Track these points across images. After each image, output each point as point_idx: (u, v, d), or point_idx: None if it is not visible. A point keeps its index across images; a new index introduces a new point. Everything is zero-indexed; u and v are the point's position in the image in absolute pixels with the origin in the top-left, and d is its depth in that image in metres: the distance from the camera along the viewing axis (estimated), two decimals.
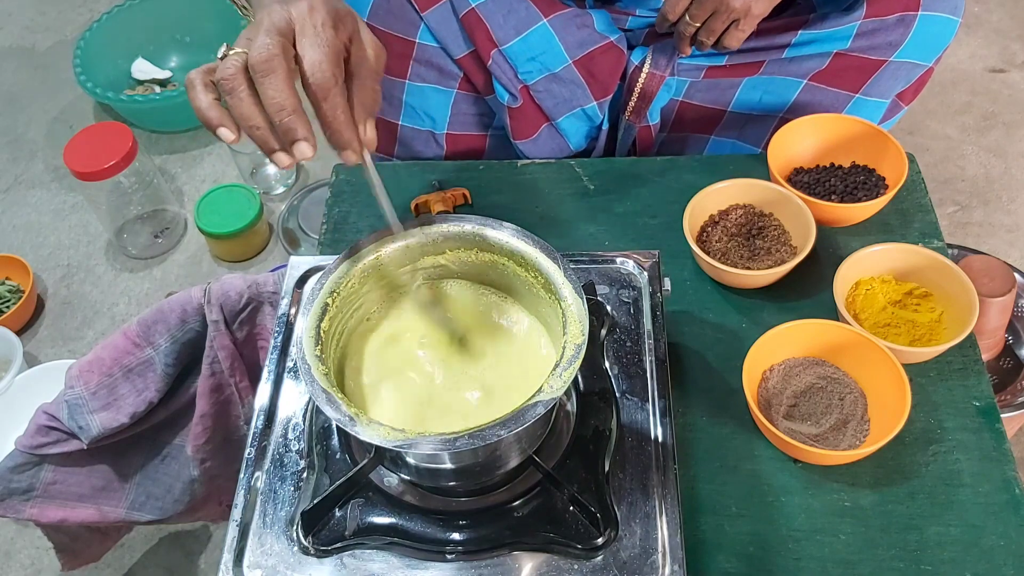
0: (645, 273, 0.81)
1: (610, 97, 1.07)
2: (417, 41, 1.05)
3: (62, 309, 1.65)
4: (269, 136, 0.58)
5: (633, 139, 1.10)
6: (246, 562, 0.66)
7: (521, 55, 1.02)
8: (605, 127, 1.10)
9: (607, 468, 0.69)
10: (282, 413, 0.74)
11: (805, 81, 1.02)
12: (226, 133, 0.59)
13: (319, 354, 0.62)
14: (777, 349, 0.82)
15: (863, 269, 0.87)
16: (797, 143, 0.98)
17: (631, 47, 1.06)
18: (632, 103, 1.06)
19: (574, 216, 1.00)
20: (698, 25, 0.94)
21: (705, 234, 0.93)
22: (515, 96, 1.04)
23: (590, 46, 1.03)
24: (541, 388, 0.58)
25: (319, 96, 0.58)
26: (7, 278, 1.64)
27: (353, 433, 0.57)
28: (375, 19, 1.04)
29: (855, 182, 0.95)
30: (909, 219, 0.96)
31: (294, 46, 0.58)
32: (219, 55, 0.58)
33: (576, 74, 1.04)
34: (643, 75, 1.03)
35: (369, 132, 0.64)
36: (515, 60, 1.02)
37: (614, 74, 1.05)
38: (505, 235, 0.67)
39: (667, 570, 0.64)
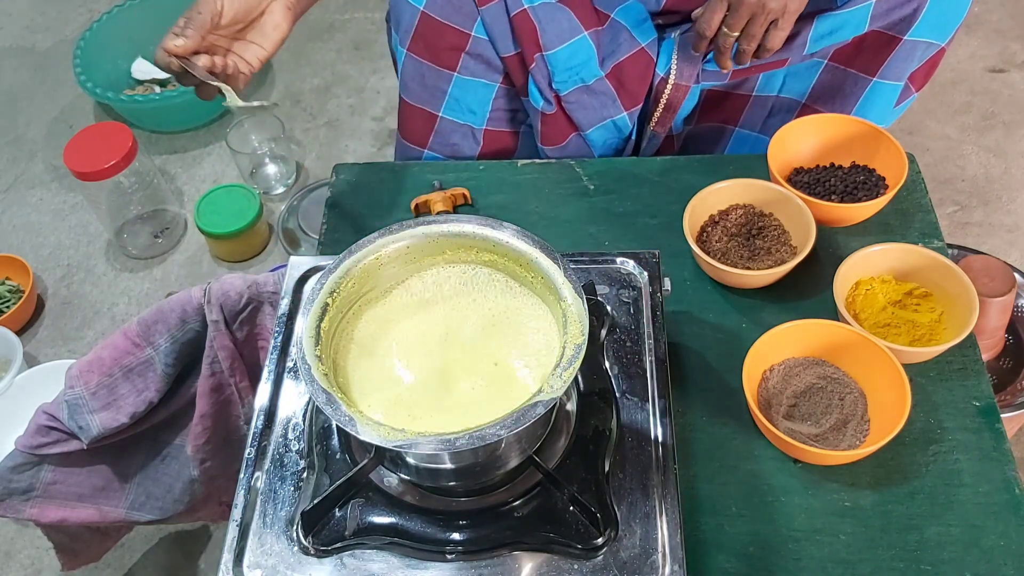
0: (645, 273, 0.81)
1: (639, 108, 1.07)
2: (472, 34, 1.05)
3: (62, 309, 1.65)
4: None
5: (657, 148, 1.11)
6: (246, 562, 0.66)
7: (562, 63, 1.03)
8: (633, 138, 1.10)
9: (607, 468, 0.69)
10: (282, 413, 0.74)
11: (826, 62, 1.03)
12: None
13: (319, 354, 0.62)
14: (777, 349, 0.82)
15: (863, 269, 0.87)
16: (797, 143, 0.98)
17: (659, 45, 1.06)
18: (657, 114, 1.07)
19: (574, 216, 1.00)
20: (736, 34, 0.94)
21: (705, 234, 0.93)
22: (549, 102, 1.05)
23: (621, 55, 1.04)
24: (541, 388, 0.58)
25: None
26: (7, 278, 1.64)
27: (353, 433, 0.57)
28: (432, 9, 1.04)
29: (855, 182, 0.95)
30: (909, 219, 0.96)
31: None
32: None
33: (607, 85, 1.04)
34: (668, 87, 1.04)
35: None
36: (555, 67, 1.03)
37: (643, 83, 1.06)
38: (505, 235, 0.67)
39: (667, 570, 0.64)
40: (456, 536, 0.66)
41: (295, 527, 0.67)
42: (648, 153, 1.13)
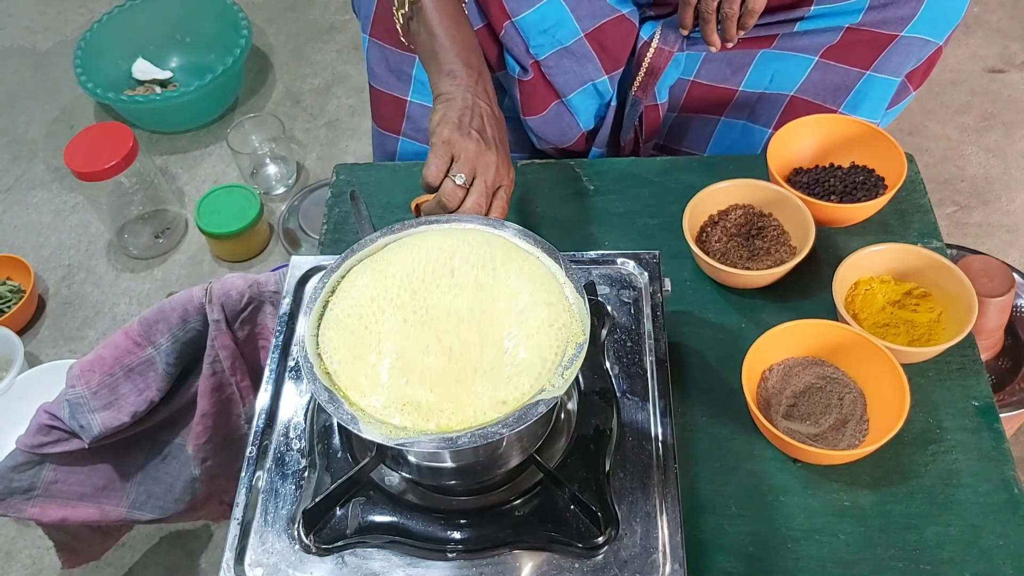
0: (645, 273, 0.81)
1: (620, 72, 1.07)
2: None
3: (63, 309, 1.65)
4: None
5: (640, 115, 1.10)
6: (248, 560, 0.67)
7: (534, 27, 1.01)
8: (614, 104, 1.10)
9: (608, 467, 0.69)
10: (283, 412, 0.75)
11: (816, 58, 1.03)
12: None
13: (321, 353, 0.62)
14: (777, 349, 0.83)
15: (862, 269, 0.87)
16: (797, 143, 0.98)
17: (643, 21, 1.05)
18: (639, 78, 1.06)
19: (574, 216, 1.00)
20: None
21: (705, 234, 0.94)
22: (526, 69, 1.04)
23: (601, 18, 1.03)
24: (543, 387, 0.58)
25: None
26: (8, 278, 1.65)
27: (355, 431, 0.57)
28: None
29: (854, 182, 0.95)
30: (908, 219, 0.96)
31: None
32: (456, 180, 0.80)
33: (587, 47, 1.04)
34: (651, 50, 1.03)
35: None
36: (527, 33, 1.02)
37: (625, 46, 1.05)
38: (506, 235, 0.68)
39: (667, 569, 0.64)
40: (457, 535, 0.66)
41: (296, 525, 0.67)
42: (631, 120, 1.11)
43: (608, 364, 0.75)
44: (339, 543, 0.66)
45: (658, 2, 1.06)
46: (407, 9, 0.90)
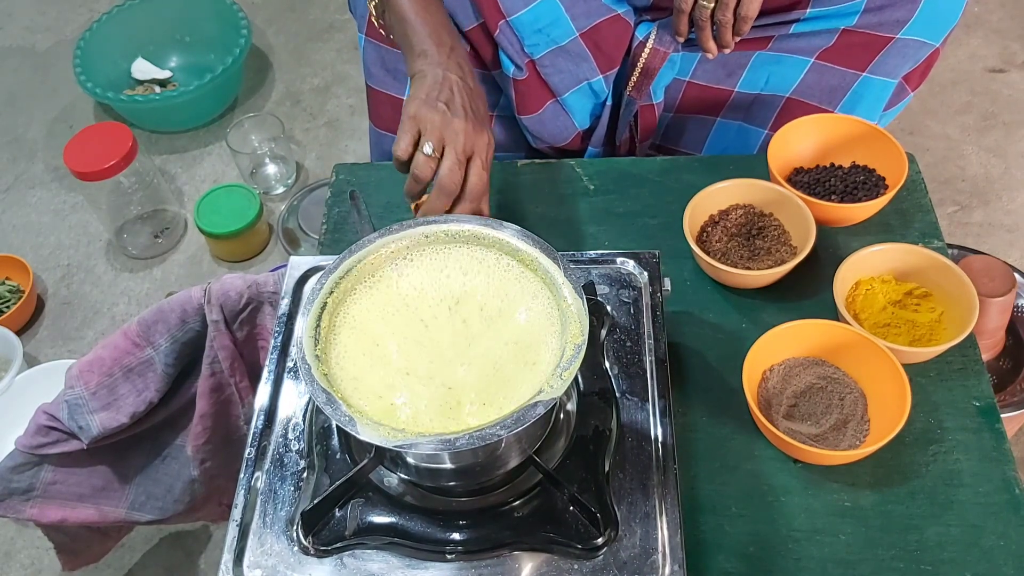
0: (645, 273, 0.81)
1: (616, 71, 1.07)
2: None
3: (62, 309, 1.65)
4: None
5: (635, 114, 1.10)
6: (246, 562, 0.66)
7: (528, 27, 1.01)
8: (609, 103, 1.10)
9: (607, 468, 0.69)
10: (282, 413, 0.74)
11: (812, 60, 1.03)
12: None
13: (319, 354, 0.62)
14: (777, 349, 0.82)
15: (863, 269, 0.87)
16: (797, 143, 0.98)
17: (638, 22, 1.05)
18: (634, 78, 1.06)
19: (574, 216, 1.00)
20: (712, 5, 0.92)
21: (705, 234, 0.93)
22: (521, 68, 1.04)
23: (597, 17, 1.03)
24: (541, 388, 0.58)
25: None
26: (7, 278, 1.64)
27: (353, 433, 0.57)
28: None
29: (855, 182, 0.95)
30: (909, 219, 0.96)
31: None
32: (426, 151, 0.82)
33: (583, 47, 1.03)
34: (646, 50, 1.03)
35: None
36: (522, 32, 1.01)
37: (620, 46, 1.05)
38: (506, 235, 0.67)
39: (667, 570, 0.64)
40: (456, 536, 0.66)
41: (295, 527, 0.67)
42: (626, 120, 1.11)
43: (608, 364, 0.75)
44: (338, 545, 0.66)
45: (654, 7, 1.06)
46: (378, 0, 0.91)
